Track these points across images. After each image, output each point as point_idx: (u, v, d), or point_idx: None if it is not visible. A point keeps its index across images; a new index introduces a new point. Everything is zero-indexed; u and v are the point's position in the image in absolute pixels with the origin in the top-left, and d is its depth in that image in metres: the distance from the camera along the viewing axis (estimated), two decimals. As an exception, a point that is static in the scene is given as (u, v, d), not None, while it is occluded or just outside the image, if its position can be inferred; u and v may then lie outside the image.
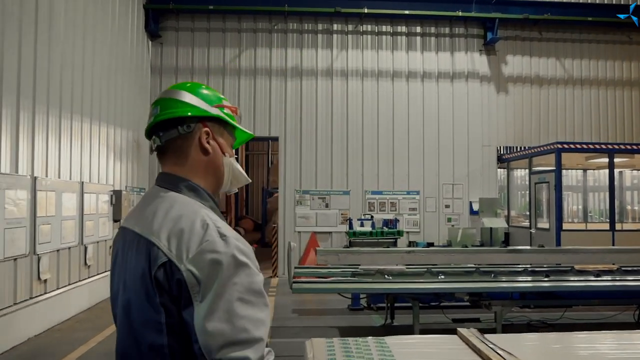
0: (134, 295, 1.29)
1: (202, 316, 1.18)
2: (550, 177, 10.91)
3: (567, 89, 13.45)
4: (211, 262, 1.21)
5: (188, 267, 1.21)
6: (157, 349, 1.25)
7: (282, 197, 12.26)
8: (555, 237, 10.52)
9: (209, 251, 1.22)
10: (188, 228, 1.26)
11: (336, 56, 12.57)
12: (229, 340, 1.17)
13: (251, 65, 12.31)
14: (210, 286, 1.20)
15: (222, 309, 1.18)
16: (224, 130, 1.51)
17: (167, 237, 1.26)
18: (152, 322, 1.24)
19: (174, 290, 1.22)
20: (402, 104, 12.71)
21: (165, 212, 1.32)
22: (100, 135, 8.88)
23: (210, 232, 1.25)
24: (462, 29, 13.05)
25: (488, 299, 6.27)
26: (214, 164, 1.47)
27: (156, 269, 1.24)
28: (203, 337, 1.18)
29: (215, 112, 1.47)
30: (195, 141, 1.44)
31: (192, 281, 1.21)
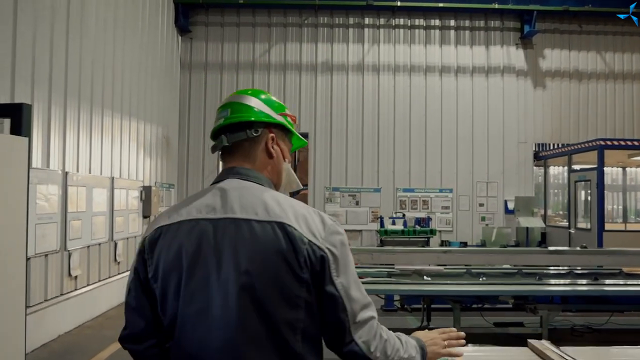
0: (265, 276, 1.33)
1: (346, 287, 1.36)
2: (591, 175, 10.44)
3: (608, 83, 12.90)
4: (339, 241, 1.39)
5: (325, 245, 1.36)
6: (290, 323, 1.34)
7: (312, 194, 12.04)
8: (596, 238, 10.06)
9: (335, 232, 1.39)
10: (307, 213, 1.41)
11: (368, 51, 12.28)
12: (363, 304, 1.39)
13: (281, 60, 12.12)
14: (342, 262, 1.38)
15: (353, 279, 1.39)
16: (285, 137, 1.61)
17: (296, 220, 1.37)
18: (292, 297, 1.34)
19: (317, 266, 1.35)
20: (435, 99, 12.36)
21: (275, 199, 1.42)
22: (130, 130, 8.80)
23: (325, 217, 1.42)
24: (497, 22, 12.62)
25: (534, 303, 5.93)
26: (276, 167, 1.57)
27: (305, 247, 1.34)
28: (349, 305, 1.36)
29: (280, 119, 1.58)
30: (262, 145, 1.54)
31: (330, 258, 1.35)
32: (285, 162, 1.59)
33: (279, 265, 1.33)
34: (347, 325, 1.36)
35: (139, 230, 8.98)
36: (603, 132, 12.59)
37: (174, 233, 1.41)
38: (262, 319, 1.33)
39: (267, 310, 1.33)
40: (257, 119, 1.53)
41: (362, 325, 1.38)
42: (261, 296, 1.33)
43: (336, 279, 1.36)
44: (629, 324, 7.27)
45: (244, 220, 1.37)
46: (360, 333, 1.38)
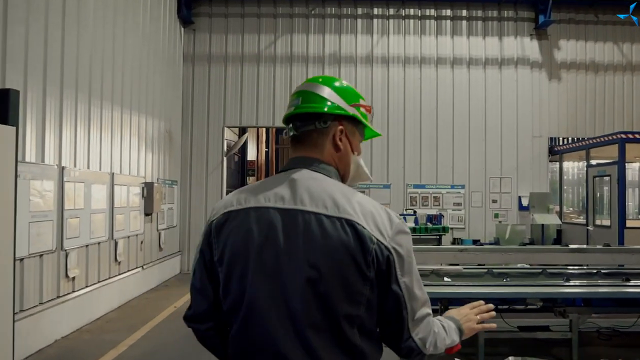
0: (331, 271, 1.34)
1: (409, 286, 1.38)
2: (611, 170, 10.01)
3: (626, 75, 12.45)
4: (406, 241, 1.40)
5: (392, 244, 1.36)
6: (349, 318, 1.35)
7: (319, 190, 11.64)
8: (617, 235, 9.64)
9: (401, 231, 1.39)
10: (373, 209, 1.39)
11: (377, 42, 11.87)
12: (422, 302, 1.42)
13: (287, 52, 11.72)
14: (407, 261, 1.39)
15: (416, 278, 1.42)
16: (356, 129, 1.57)
17: (364, 218, 1.36)
18: (354, 293, 1.35)
19: (383, 265, 1.35)
20: (447, 92, 11.94)
21: (343, 194, 1.41)
22: (131, 124, 8.42)
23: (393, 215, 1.41)
24: (511, 12, 12.18)
25: (563, 306, 5.54)
26: (344, 160, 1.55)
27: (373, 246, 1.34)
28: (410, 303, 1.39)
29: (352, 112, 1.53)
30: (329, 137, 1.51)
31: (397, 257, 1.36)
32: (354, 155, 1.57)
33: (347, 263, 1.35)
34: (406, 323, 1.40)
35: (140, 228, 8.62)
36: (620, 125, 12.15)
37: (242, 219, 1.43)
38: (324, 312, 1.35)
39: (329, 304, 1.35)
40: (322, 110, 1.51)
41: (420, 322, 1.42)
42: (325, 290, 1.35)
43: (401, 278, 1.38)
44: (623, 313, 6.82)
45: (314, 214, 1.38)
46: (417, 330, 1.41)
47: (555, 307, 5.55)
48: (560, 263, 8.34)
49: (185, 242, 11.40)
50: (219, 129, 11.59)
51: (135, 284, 8.41)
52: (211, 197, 11.45)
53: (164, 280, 10.09)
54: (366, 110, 1.61)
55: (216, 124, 11.58)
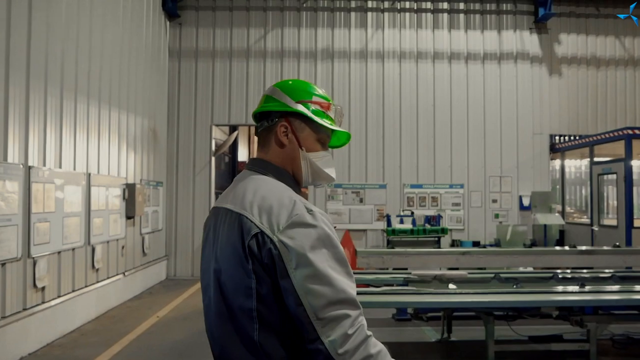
0: (225, 263, 1.42)
1: (301, 281, 1.29)
2: (617, 168, 9.58)
3: (628, 70, 12.05)
4: (302, 233, 1.33)
5: (280, 237, 1.33)
6: (246, 311, 1.36)
7: (312, 191, 11.14)
8: (624, 236, 9.21)
9: (299, 223, 1.34)
10: (277, 203, 1.39)
11: (371, 36, 11.38)
12: (329, 301, 1.29)
13: (278, 47, 11.20)
14: (303, 255, 1.31)
15: (318, 274, 1.30)
16: (306, 126, 1.57)
17: (258, 212, 1.39)
18: (243, 287, 1.37)
19: (265, 258, 1.34)
20: (444, 88, 11.48)
21: (254, 190, 1.46)
22: (110, 121, 7.88)
23: (299, 207, 1.38)
24: (510, 5, 11.74)
25: (580, 314, 5.07)
26: (290, 156, 1.57)
27: (249, 239, 1.36)
28: (307, 300, 1.29)
29: (297, 108, 1.55)
30: (274, 134, 1.57)
31: (284, 250, 1.32)
32: (302, 152, 1.56)
33: (232, 255, 1.40)
34: (307, 321, 1.30)
35: (121, 232, 8.07)
36: (622, 122, 11.75)
37: (209, 217, 1.62)
38: (226, 304, 1.41)
39: (227, 295, 1.41)
40: (269, 109, 1.58)
41: (330, 323, 1.29)
42: (223, 282, 1.42)
43: (292, 272, 1.31)
44: None
45: (229, 210, 1.47)
46: (326, 331, 1.29)
47: (571, 315, 5.09)
48: (567, 265, 7.92)
49: (172, 246, 10.85)
50: (207, 127, 11.06)
51: (115, 292, 7.86)
52: (199, 199, 10.91)
53: (148, 287, 9.54)
54: (322, 107, 1.59)
55: (204, 122, 11.05)
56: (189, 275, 10.82)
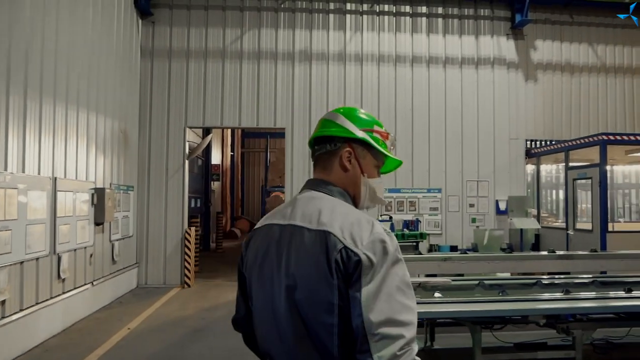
0: (305, 280, 1.43)
1: (370, 294, 1.34)
2: (592, 173, 9.64)
3: (600, 77, 12.22)
4: (382, 250, 1.39)
5: (364, 251, 1.38)
6: (327, 327, 1.39)
7: (289, 196, 10.92)
8: (599, 240, 9.26)
9: (380, 240, 1.40)
10: (357, 222, 1.45)
11: (350, 39, 11.24)
12: (388, 318, 1.32)
13: (254, 48, 10.96)
14: (379, 270, 1.36)
15: (386, 291, 1.35)
16: (368, 153, 1.66)
17: (340, 229, 1.43)
18: (325, 302, 1.39)
19: (350, 269, 1.37)
20: (423, 92, 11.42)
21: (331, 209, 1.51)
22: (78, 123, 7.51)
23: (377, 227, 1.45)
24: (487, 10, 11.77)
25: (566, 322, 4.98)
26: (352, 180, 1.65)
27: (336, 254, 1.40)
28: (367, 313, 1.33)
29: (360, 135, 1.64)
30: (338, 157, 1.64)
31: (367, 263, 1.37)
32: (364, 177, 1.65)
33: (315, 272, 1.41)
34: (361, 333, 1.33)
35: (89, 239, 7.69)
36: (595, 127, 11.90)
37: (259, 235, 1.64)
38: (303, 320, 1.42)
39: (305, 312, 1.42)
40: (334, 134, 1.65)
41: (382, 340, 1.32)
42: (301, 298, 1.43)
43: (365, 285, 1.36)
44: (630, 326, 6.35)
45: (299, 228, 1.50)
46: (378, 346, 1.32)
47: (558, 323, 5.00)
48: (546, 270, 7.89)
49: (143, 253, 10.46)
50: (180, 129, 10.72)
51: (83, 303, 7.48)
52: (171, 204, 10.56)
53: (118, 297, 9.15)
54: (381, 137, 1.68)
55: (177, 124, 10.70)
56: (161, 282, 10.45)
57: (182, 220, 10.61)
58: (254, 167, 27.41)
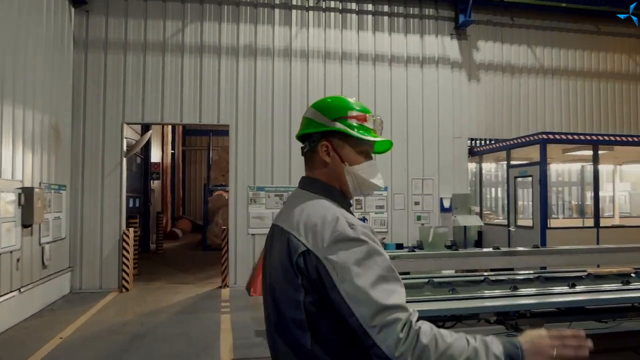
0: (276, 279, 1.55)
1: (350, 293, 1.37)
2: (533, 171, 9.93)
3: (539, 78, 12.66)
4: (345, 248, 1.41)
5: (325, 254, 1.42)
6: (298, 322, 1.47)
7: (233, 194, 10.59)
8: (540, 236, 9.54)
9: (342, 239, 1.42)
10: (321, 221, 1.48)
11: (295, 34, 11.05)
12: (379, 307, 1.34)
13: (197, 42, 10.55)
14: (347, 268, 1.38)
15: (365, 284, 1.36)
16: (346, 142, 1.64)
17: (304, 230, 1.48)
18: (294, 300, 1.47)
19: (312, 274, 1.44)
20: (369, 89, 11.39)
21: (302, 209, 1.56)
22: (3, 117, 6.91)
23: (341, 223, 1.45)
24: (432, 10, 11.90)
25: (515, 318, 5.00)
26: (335, 173, 1.65)
27: (297, 257, 1.46)
28: (357, 310, 1.35)
29: (333, 126, 1.63)
30: (317, 154, 1.65)
31: (329, 266, 1.40)
32: (346, 167, 1.63)
33: (281, 272, 1.51)
34: (362, 330, 1.36)
35: (16, 243, 7.10)
36: (534, 127, 12.31)
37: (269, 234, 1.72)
38: (280, 316, 1.53)
39: (280, 308, 1.52)
40: (310, 132, 1.66)
41: (382, 329, 1.33)
42: (276, 295, 1.54)
43: (340, 285, 1.38)
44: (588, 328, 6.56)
45: (279, 228, 1.60)
46: (381, 337, 1.33)
47: (507, 320, 5.02)
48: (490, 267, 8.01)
49: (77, 256, 9.83)
50: (118, 125, 10.16)
51: (10, 312, 6.89)
52: (108, 203, 9.99)
53: (50, 303, 8.54)
54: (358, 120, 1.64)
55: (114, 120, 10.13)
56: (97, 287, 9.87)
57: (120, 221, 10.06)
58: (196, 165, 26.72)
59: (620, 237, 9.65)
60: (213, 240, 16.70)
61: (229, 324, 7.43)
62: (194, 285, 10.52)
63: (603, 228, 10.07)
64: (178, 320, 7.67)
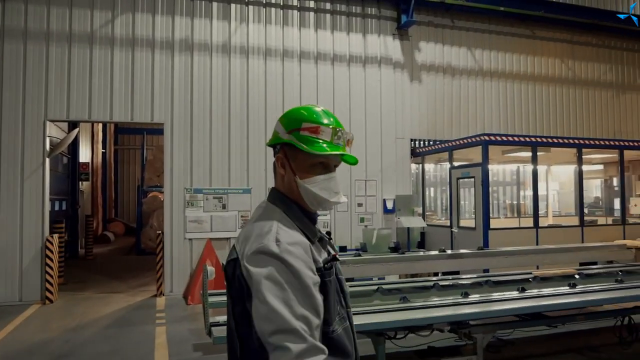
0: None
1: (256, 306, 1.39)
2: (475, 172, 9.97)
3: (478, 80, 12.83)
4: (261, 261, 1.41)
5: (244, 263, 1.45)
6: (232, 331, 1.53)
7: (169, 196, 9.98)
8: (482, 237, 9.59)
9: (262, 251, 1.43)
10: (257, 232, 1.50)
11: (235, 30, 10.57)
12: (277, 328, 1.34)
13: (128, 34, 9.85)
14: (258, 282, 1.39)
15: (267, 302, 1.35)
16: (297, 154, 1.61)
17: (243, 239, 1.54)
18: (228, 309, 1.56)
19: (236, 283, 1.49)
20: (311, 88, 11.10)
21: (252, 219, 1.62)
22: None
23: (269, 236, 1.46)
24: (375, 9, 11.76)
25: (468, 326, 4.84)
26: (288, 185, 1.65)
27: (226, 264, 1.56)
28: (258, 324, 1.38)
29: (286, 138, 1.63)
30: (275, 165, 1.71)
31: (247, 276, 1.43)
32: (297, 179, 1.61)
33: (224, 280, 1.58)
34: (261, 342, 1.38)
35: None
36: (474, 128, 12.46)
37: None
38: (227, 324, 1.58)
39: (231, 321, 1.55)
40: (272, 143, 1.70)
41: (273, 351, 1.34)
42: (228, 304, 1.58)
43: (254, 295, 1.40)
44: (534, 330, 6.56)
45: None
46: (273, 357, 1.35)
47: (460, 328, 4.85)
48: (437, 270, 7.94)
49: (-8, 267, 8.91)
50: (39, 123, 9.29)
51: None
52: (28, 208, 9.13)
53: (-42, 321, 7.66)
54: (310, 132, 1.61)
55: (35, 117, 9.27)
56: (16, 300, 9.00)
57: (43, 226, 9.22)
58: (129, 165, 25.50)
59: (558, 237, 9.91)
60: (147, 244, 15.89)
61: (164, 337, 6.89)
62: (126, 295, 9.83)
63: (542, 228, 10.28)
64: (108, 335, 7.06)
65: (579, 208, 10.82)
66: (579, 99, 13.96)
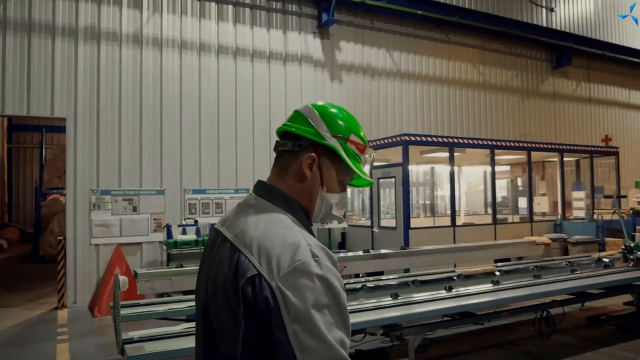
0: (214, 302, 1.30)
1: (299, 336, 1.16)
2: (396, 172, 10.01)
3: (396, 81, 12.97)
4: (304, 285, 1.18)
5: (279, 284, 1.18)
6: (231, 356, 1.25)
7: (72, 199, 9.08)
8: (403, 236, 9.63)
9: (302, 272, 1.19)
10: (280, 242, 1.24)
11: (147, 19, 9.86)
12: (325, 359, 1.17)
13: (24, 17, 8.84)
14: (303, 310, 1.17)
15: (318, 332, 1.17)
16: (333, 165, 1.44)
17: (258, 250, 1.24)
18: (230, 330, 1.25)
19: (260, 305, 1.20)
20: (229, 85, 10.62)
21: (257, 223, 1.32)
22: None
23: (302, 251, 1.22)
24: (295, 6, 11.51)
25: (399, 328, 4.68)
26: (308, 191, 1.43)
27: (244, 282, 1.22)
28: (303, 354, 1.16)
29: (330, 142, 1.42)
30: (299, 161, 1.42)
31: (281, 300, 1.18)
32: (322, 191, 1.44)
33: (222, 295, 1.27)
34: None
35: None
36: (392, 129, 12.57)
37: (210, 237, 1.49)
38: (213, 342, 1.30)
39: (214, 334, 1.30)
40: (301, 134, 1.42)
41: None
42: (211, 319, 1.31)
43: (289, 324, 1.17)
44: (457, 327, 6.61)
45: (227, 239, 1.34)
46: None
47: (392, 331, 4.68)
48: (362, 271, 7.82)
49: None
50: None
51: None
52: None
53: None
54: (357, 149, 1.47)
55: None
56: None
57: None
58: (26, 165, 23.37)
59: (473, 235, 10.20)
60: (47, 251, 14.56)
61: (67, 355, 6.17)
62: (22, 308, 8.82)
63: (458, 227, 10.54)
64: (1, 356, 6.21)
65: (492, 207, 11.21)
66: (489, 103, 14.58)
